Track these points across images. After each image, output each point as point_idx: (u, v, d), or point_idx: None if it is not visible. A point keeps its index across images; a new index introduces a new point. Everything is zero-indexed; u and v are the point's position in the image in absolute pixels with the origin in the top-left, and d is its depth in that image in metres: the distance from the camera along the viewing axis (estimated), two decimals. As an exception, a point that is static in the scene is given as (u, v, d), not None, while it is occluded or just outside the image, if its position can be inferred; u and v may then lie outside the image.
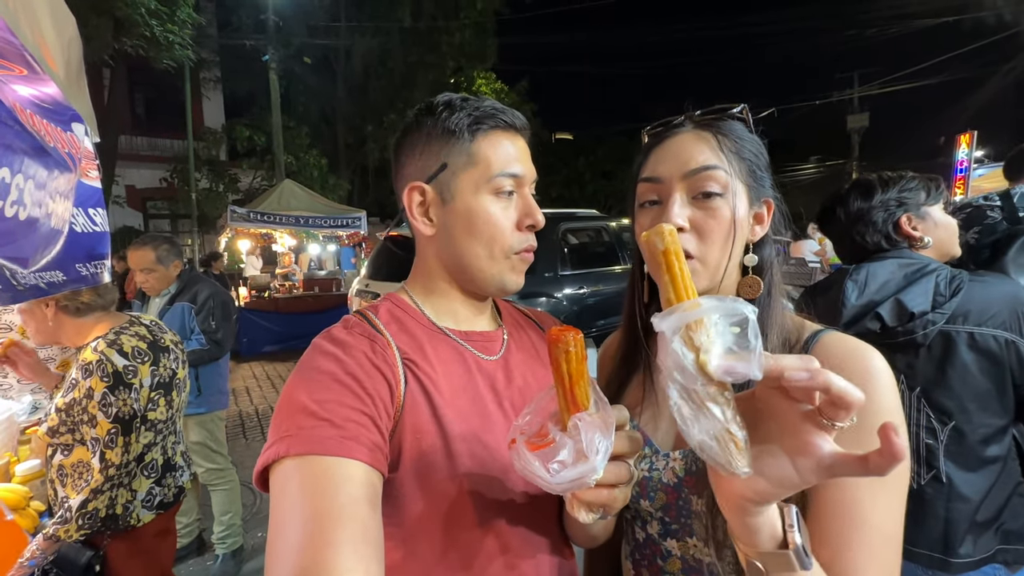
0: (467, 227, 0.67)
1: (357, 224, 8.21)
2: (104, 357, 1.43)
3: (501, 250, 0.67)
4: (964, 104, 14.81)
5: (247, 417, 4.81)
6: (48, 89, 1.26)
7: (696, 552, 0.63)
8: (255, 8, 11.07)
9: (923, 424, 1.09)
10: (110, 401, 1.42)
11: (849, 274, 1.18)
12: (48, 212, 1.24)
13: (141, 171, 12.83)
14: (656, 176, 0.64)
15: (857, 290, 1.14)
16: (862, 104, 21.04)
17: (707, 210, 0.61)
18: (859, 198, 1.22)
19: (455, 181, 0.66)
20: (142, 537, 1.53)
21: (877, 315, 1.11)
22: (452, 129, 0.66)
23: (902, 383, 1.10)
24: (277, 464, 0.52)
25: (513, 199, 0.68)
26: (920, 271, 1.11)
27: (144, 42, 7.34)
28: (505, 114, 0.68)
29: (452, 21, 13.86)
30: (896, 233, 1.19)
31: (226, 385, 2.70)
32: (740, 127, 0.65)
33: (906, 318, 1.08)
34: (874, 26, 14.42)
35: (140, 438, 1.51)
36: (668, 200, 0.62)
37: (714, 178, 0.60)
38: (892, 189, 1.19)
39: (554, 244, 4.22)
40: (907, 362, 1.11)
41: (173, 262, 2.48)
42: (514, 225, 0.67)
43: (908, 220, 1.19)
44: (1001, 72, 12.92)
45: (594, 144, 22.93)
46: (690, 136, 0.64)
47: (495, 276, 0.68)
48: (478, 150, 0.66)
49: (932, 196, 1.20)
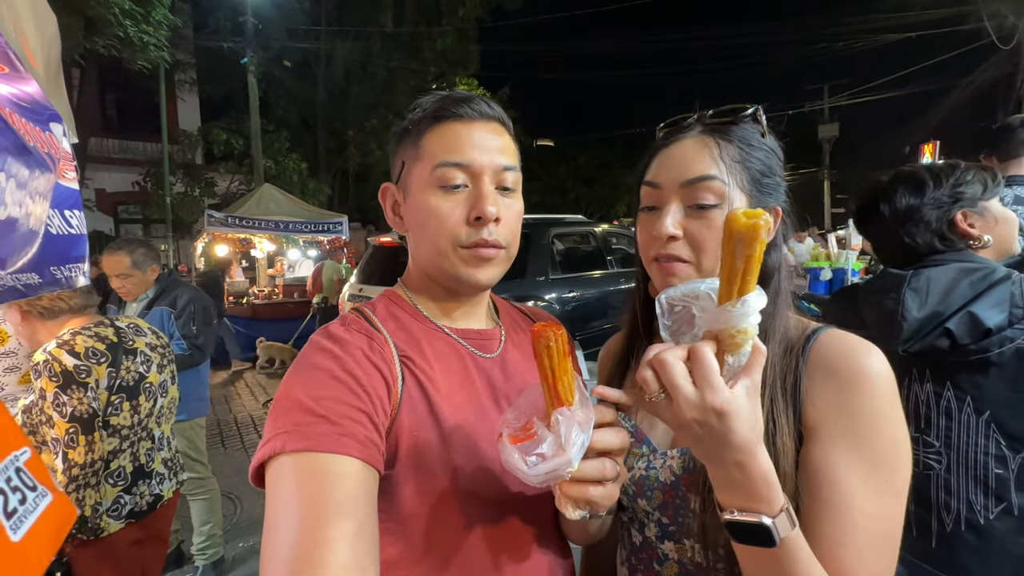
0: (417, 223, 0.67)
1: (339, 229, 8.10)
2: (51, 357, 1.41)
3: (448, 244, 0.64)
4: (928, 115, 15.46)
5: (226, 425, 4.68)
6: (28, 88, 1.23)
7: (694, 555, 0.62)
8: (233, 10, 10.88)
9: (992, 452, 0.96)
10: (63, 400, 1.40)
11: (907, 281, 1.02)
12: (27, 212, 1.21)
13: (112, 174, 12.44)
14: (656, 182, 0.64)
15: (919, 300, 0.99)
16: (832, 114, 21.82)
17: (702, 219, 0.60)
18: (908, 194, 1.07)
19: (409, 178, 0.67)
20: (112, 546, 1.49)
21: (946, 331, 0.96)
22: (408, 127, 0.67)
23: (968, 406, 0.98)
24: (273, 460, 0.52)
25: (464, 191, 0.64)
26: (987, 278, 0.97)
27: (117, 42, 7.13)
28: (457, 104, 0.65)
29: (434, 27, 13.88)
30: (951, 232, 1.05)
31: (206, 391, 2.63)
32: (750, 132, 0.63)
33: (980, 334, 0.94)
34: (843, 40, 14.98)
35: (103, 440, 1.48)
36: (664, 208, 0.62)
37: (710, 189, 0.60)
38: (946, 183, 1.05)
39: (544, 248, 4.28)
40: (975, 382, 0.97)
41: (150, 266, 2.41)
42: (462, 219, 0.64)
43: (964, 217, 1.05)
44: (961, 86, 13.54)
45: (575, 151, 23.17)
46: (693, 142, 0.63)
47: (449, 271, 0.66)
48: (426, 143, 0.65)
49: (990, 189, 1.06)
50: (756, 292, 0.44)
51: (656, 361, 0.45)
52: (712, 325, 0.45)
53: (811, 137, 21.89)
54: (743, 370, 0.45)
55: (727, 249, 0.43)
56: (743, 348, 0.44)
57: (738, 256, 0.42)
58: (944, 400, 1.00)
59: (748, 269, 0.42)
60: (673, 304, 0.49)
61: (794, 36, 23.65)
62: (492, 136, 0.66)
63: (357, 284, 4.67)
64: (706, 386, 0.43)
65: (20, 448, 0.62)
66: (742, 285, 0.43)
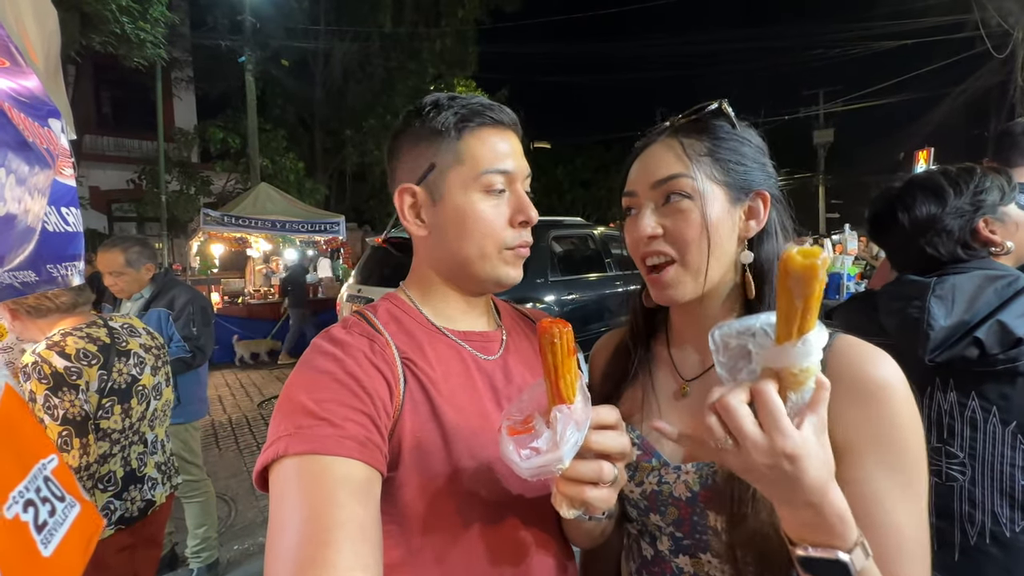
0: (458, 226, 0.67)
1: (336, 229, 8.08)
2: (41, 359, 1.39)
3: (494, 247, 0.67)
4: (921, 122, 15.60)
5: (220, 427, 4.65)
6: (28, 82, 1.21)
7: (711, 569, 0.61)
8: (231, 8, 10.83)
9: (1019, 464, 0.94)
10: (54, 403, 1.37)
11: (932, 289, 1.00)
12: (26, 209, 1.19)
13: (107, 172, 12.35)
14: (630, 190, 0.67)
15: (945, 309, 0.97)
16: (827, 120, 21.99)
17: (676, 214, 0.62)
18: (928, 202, 1.04)
19: (443, 180, 0.67)
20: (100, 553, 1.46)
21: (976, 340, 0.94)
22: (439, 128, 0.66)
23: (994, 416, 0.96)
24: (276, 463, 0.52)
25: (504, 196, 0.67)
26: (1012, 285, 0.96)
27: (114, 39, 7.08)
28: (493, 110, 0.67)
29: (433, 28, 13.88)
30: (974, 239, 1.04)
31: (205, 393, 2.62)
32: (721, 126, 0.65)
33: (1010, 344, 0.92)
34: (838, 47, 15.11)
35: (95, 444, 1.45)
36: (640, 211, 0.66)
37: (678, 186, 0.62)
38: (966, 190, 1.03)
39: (543, 250, 4.29)
40: (1000, 392, 0.95)
41: (145, 265, 2.38)
42: (506, 222, 0.67)
43: (986, 224, 1.03)
44: (953, 94, 13.68)
45: (572, 153, 23.23)
46: (659, 147, 0.66)
47: (490, 272, 0.68)
48: (465, 148, 0.66)
49: (1007, 195, 1.05)
50: (817, 329, 0.43)
51: (721, 407, 0.44)
52: (773, 363, 0.44)
53: (806, 142, 22.07)
54: (808, 407, 0.44)
55: (783, 287, 0.42)
56: (806, 385, 0.44)
57: (796, 295, 0.42)
58: (969, 410, 0.99)
59: (808, 307, 0.42)
60: (727, 341, 0.48)
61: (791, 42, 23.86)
62: (519, 143, 0.70)
63: (356, 284, 4.68)
64: (775, 431, 0.42)
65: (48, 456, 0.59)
66: (802, 323, 0.42)
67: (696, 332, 0.68)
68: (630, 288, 4.81)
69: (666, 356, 0.73)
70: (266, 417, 4.92)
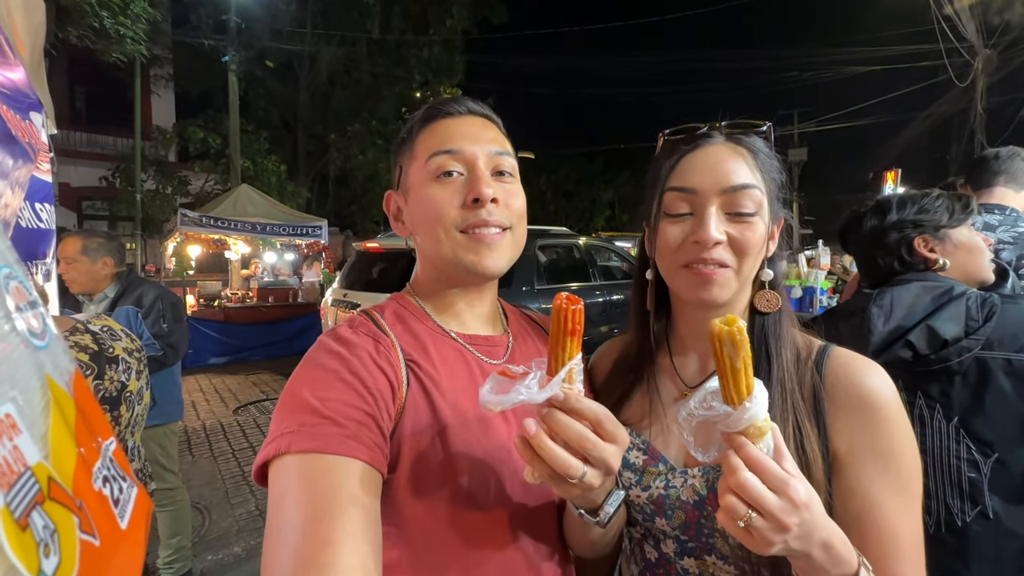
0: (417, 217, 0.69)
1: (317, 233, 7.97)
2: None
3: (443, 230, 0.65)
4: (889, 144, 16.31)
5: (193, 433, 4.50)
6: (13, 74, 1.18)
7: (715, 570, 0.62)
8: (216, 8, 10.67)
9: (964, 456, 1.01)
10: None
11: (873, 299, 1.10)
12: (5, 204, 1.16)
13: (78, 168, 11.93)
14: (690, 187, 0.62)
15: (883, 316, 1.07)
16: (801, 140, 22.76)
17: (744, 224, 0.61)
18: (873, 217, 1.17)
19: (407, 179, 0.70)
20: None
21: (908, 343, 1.03)
22: (404, 135, 0.72)
23: (938, 413, 1.05)
24: (277, 460, 0.52)
25: (459, 179, 0.66)
26: (946, 294, 1.04)
27: (92, 33, 6.89)
28: (448, 104, 0.69)
29: (421, 36, 13.91)
30: (910, 256, 1.13)
31: (180, 393, 2.53)
32: (764, 145, 0.65)
33: (938, 345, 1.01)
34: (812, 70, 15.72)
35: None
36: (703, 214, 0.61)
37: (751, 197, 0.60)
38: (909, 209, 1.13)
39: (530, 259, 4.32)
40: (942, 390, 1.04)
41: (102, 258, 2.25)
42: (459, 203, 0.65)
43: (924, 242, 1.12)
44: (919, 119, 14.34)
45: (556, 164, 23.45)
46: (725, 149, 0.63)
47: (451, 258, 0.66)
48: (419, 142, 0.69)
49: (955, 217, 1.12)
50: (758, 384, 0.47)
51: (736, 486, 0.45)
52: (735, 427, 0.47)
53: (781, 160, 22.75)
54: (777, 452, 0.47)
55: (720, 354, 0.46)
56: (767, 435, 0.47)
57: (735, 358, 0.45)
58: (917, 408, 1.07)
59: (748, 366, 0.46)
60: (691, 419, 0.50)
61: (767, 63, 24.69)
62: (481, 128, 0.69)
63: (341, 289, 4.63)
64: (785, 490, 0.44)
65: (108, 438, 0.60)
66: (748, 381, 0.46)
67: (699, 340, 0.69)
68: (613, 298, 4.88)
69: (668, 364, 0.74)
70: (242, 424, 4.78)
